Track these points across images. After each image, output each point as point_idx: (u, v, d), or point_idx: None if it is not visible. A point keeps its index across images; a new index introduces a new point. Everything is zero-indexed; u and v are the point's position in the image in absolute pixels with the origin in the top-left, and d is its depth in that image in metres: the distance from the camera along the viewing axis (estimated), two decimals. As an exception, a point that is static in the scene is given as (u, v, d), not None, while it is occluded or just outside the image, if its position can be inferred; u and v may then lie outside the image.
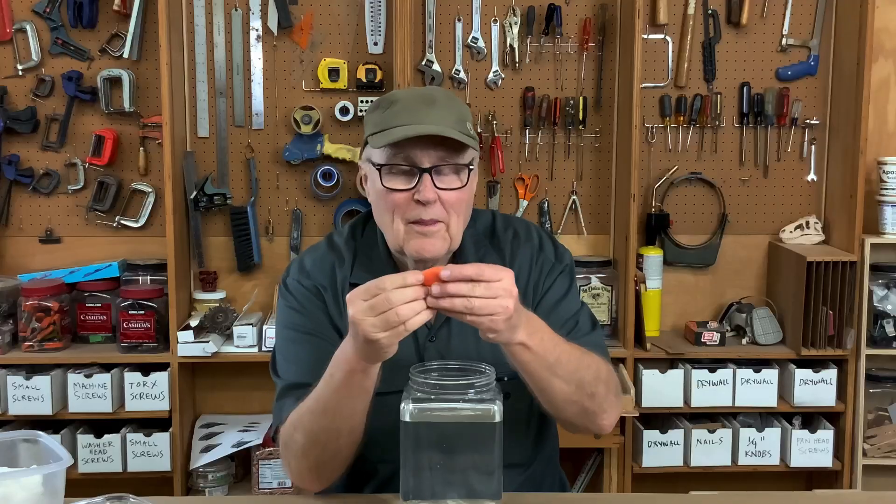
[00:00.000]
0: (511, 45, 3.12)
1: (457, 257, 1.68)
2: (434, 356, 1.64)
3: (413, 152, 1.55)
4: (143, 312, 2.91)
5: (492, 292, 1.37)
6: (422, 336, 1.67)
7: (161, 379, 2.91)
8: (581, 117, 3.14)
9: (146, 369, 2.93)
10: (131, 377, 2.91)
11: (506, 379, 1.57)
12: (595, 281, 3.06)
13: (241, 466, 3.11)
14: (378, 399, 1.55)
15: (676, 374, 3.03)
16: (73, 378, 2.89)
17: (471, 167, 1.60)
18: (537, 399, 1.58)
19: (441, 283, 1.37)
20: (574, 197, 3.21)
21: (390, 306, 1.35)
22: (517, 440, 1.70)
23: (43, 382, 2.86)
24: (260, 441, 2.97)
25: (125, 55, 3.02)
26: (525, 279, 1.71)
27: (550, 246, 1.76)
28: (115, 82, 3.05)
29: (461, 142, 1.55)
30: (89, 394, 2.89)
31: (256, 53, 3.10)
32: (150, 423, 2.98)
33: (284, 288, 1.73)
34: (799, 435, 3.03)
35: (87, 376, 2.89)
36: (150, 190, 3.11)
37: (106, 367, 2.95)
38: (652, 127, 3.18)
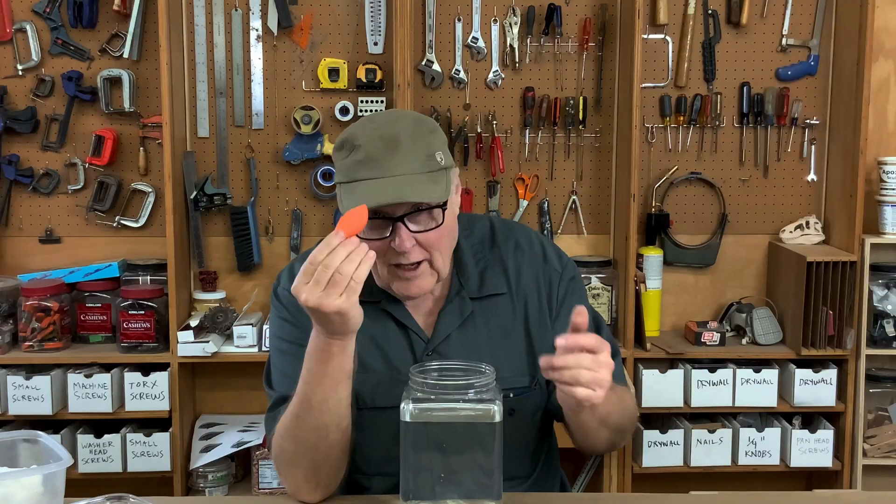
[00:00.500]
0: (511, 45, 3.12)
1: (458, 276, 1.68)
2: None
3: (382, 205, 1.51)
4: (143, 312, 2.91)
5: (597, 364, 1.38)
6: (419, 350, 1.66)
7: (161, 379, 2.91)
8: (581, 117, 3.14)
9: (146, 369, 2.93)
10: (131, 377, 2.91)
11: (511, 395, 1.58)
12: (595, 281, 3.06)
13: (241, 466, 3.11)
14: (374, 413, 1.58)
15: (676, 374, 3.03)
16: (73, 378, 2.89)
17: (444, 207, 1.56)
18: (574, 437, 1.65)
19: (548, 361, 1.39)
20: (574, 197, 3.21)
21: (332, 271, 1.37)
22: (519, 455, 1.70)
23: (43, 382, 2.86)
24: (260, 441, 2.97)
25: (125, 55, 3.02)
26: (536, 293, 1.70)
27: (554, 255, 1.74)
28: (115, 82, 3.05)
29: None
30: (89, 394, 2.89)
31: (256, 53, 3.10)
32: (150, 423, 2.98)
33: (275, 298, 1.71)
34: (799, 435, 3.03)
35: (87, 376, 2.89)
36: (150, 190, 3.11)
37: (106, 367, 2.94)
38: (652, 127, 3.18)
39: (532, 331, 1.69)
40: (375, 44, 3.10)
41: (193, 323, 2.96)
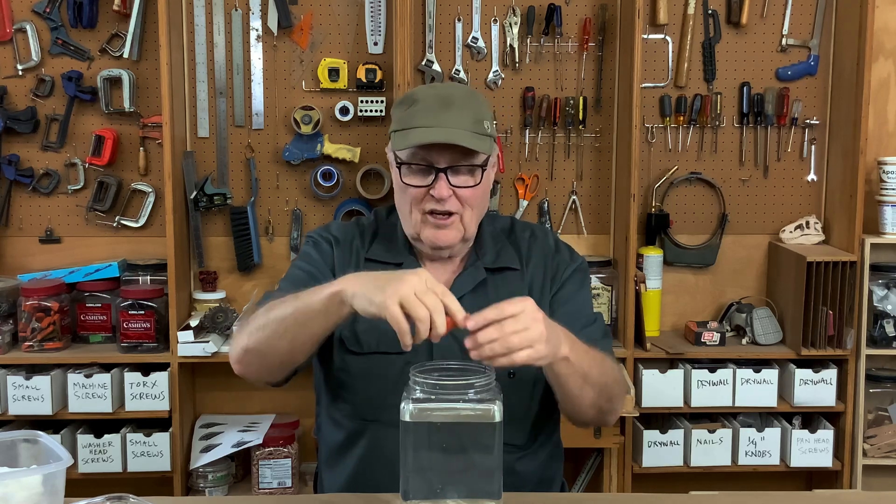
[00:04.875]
0: (511, 45, 3.12)
1: (476, 251, 1.80)
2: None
3: (430, 153, 1.68)
4: (143, 312, 2.91)
5: (522, 324, 1.43)
6: None
7: (161, 379, 2.91)
8: (581, 117, 3.14)
9: (146, 369, 2.93)
10: (131, 377, 2.91)
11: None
12: (595, 281, 3.06)
13: (241, 466, 3.11)
14: (377, 357, 1.69)
15: (676, 374, 3.03)
16: (73, 378, 2.89)
17: (484, 168, 1.72)
18: (561, 404, 1.67)
19: (472, 335, 1.43)
20: (574, 197, 3.21)
21: (423, 316, 1.40)
22: (518, 419, 1.74)
23: (43, 382, 2.86)
24: (260, 441, 2.97)
25: (125, 55, 3.02)
26: (542, 273, 1.81)
27: (566, 249, 1.87)
28: (115, 82, 3.05)
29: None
30: (89, 394, 2.89)
31: (256, 53, 3.10)
32: (150, 423, 2.98)
33: (309, 237, 1.87)
34: (799, 435, 3.03)
35: (87, 376, 2.89)
36: (150, 190, 3.11)
37: (106, 367, 2.94)
38: (652, 127, 3.18)
39: None
40: (375, 44, 3.10)
41: (193, 323, 2.96)
